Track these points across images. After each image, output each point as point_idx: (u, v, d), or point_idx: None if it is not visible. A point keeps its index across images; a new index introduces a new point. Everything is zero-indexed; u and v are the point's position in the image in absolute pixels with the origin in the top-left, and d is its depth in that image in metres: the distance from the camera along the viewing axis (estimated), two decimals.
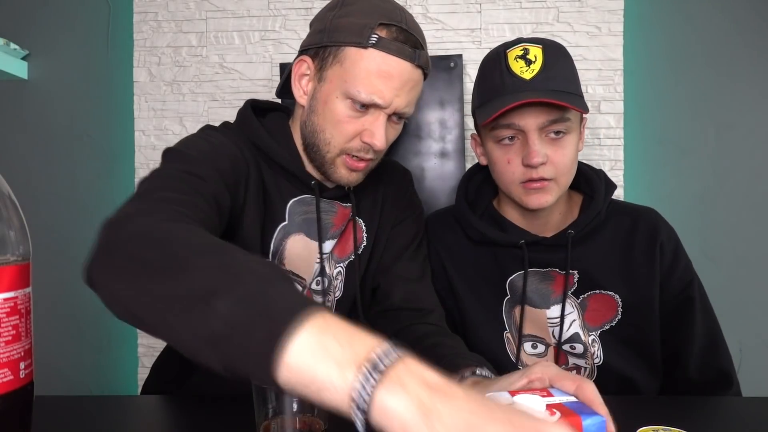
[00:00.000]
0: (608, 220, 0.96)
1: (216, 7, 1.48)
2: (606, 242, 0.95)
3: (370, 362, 0.37)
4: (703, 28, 1.43)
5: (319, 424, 0.55)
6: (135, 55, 1.49)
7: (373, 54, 0.78)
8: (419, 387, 0.37)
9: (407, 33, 0.79)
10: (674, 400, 0.82)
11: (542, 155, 0.86)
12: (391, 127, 0.85)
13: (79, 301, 1.54)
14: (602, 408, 0.50)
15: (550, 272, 0.94)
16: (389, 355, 0.38)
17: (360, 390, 0.37)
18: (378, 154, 0.85)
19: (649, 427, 0.63)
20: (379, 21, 0.78)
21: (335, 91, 0.80)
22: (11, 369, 0.44)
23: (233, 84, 1.48)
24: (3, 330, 0.43)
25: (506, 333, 0.95)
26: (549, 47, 0.89)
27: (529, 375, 0.58)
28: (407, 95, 0.81)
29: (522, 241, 0.94)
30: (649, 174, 1.44)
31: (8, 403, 0.44)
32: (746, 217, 1.42)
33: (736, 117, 1.42)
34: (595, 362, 0.92)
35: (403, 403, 0.36)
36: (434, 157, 1.42)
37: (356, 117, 0.81)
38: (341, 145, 0.82)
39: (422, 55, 0.81)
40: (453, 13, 1.44)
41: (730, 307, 1.39)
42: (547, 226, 0.97)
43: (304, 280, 0.88)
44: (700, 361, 0.92)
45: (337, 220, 0.90)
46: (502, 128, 0.88)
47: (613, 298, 0.93)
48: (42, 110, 1.54)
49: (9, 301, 0.44)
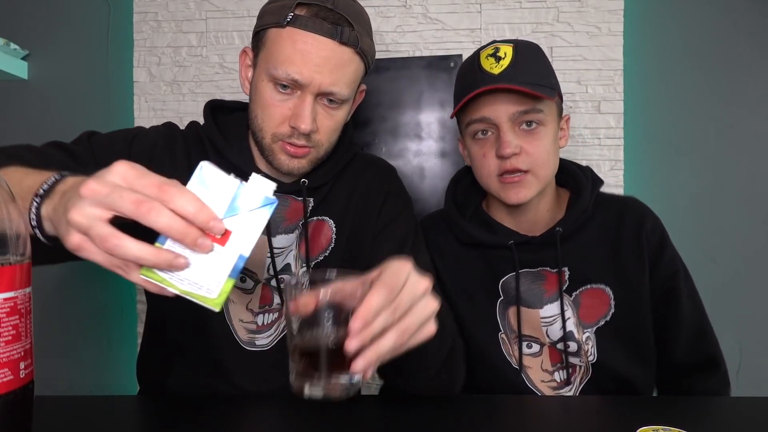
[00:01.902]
0: (595, 214, 0.96)
1: (216, 7, 1.48)
2: (594, 236, 0.95)
3: (35, 193, 0.51)
4: (703, 28, 1.42)
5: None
6: (135, 55, 1.49)
7: (289, 32, 0.77)
8: (59, 194, 0.50)
9: (329, 11, 0.77)
10: (674, 400, 0.82)
11: (514, 145, 0.87)
12: (325, 111, 0.82)
13: (79, 301, 1.54)
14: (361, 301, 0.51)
15: (541, 271, 0.94)
16: (48, 181, 0.52)
17: (33, 212, 0.51)
18: (317, 143, 0.83)
19: (649, 427, 0.63)
20: (298, 1, 0.77)
21: (261, 74, 0.81)
22: (11, 369, 0.44)
23: (233, 84, 1.48)
24: (3, 330, 0.44)
25: (501, 334, 0.95)
26: (520, 45, 0.91)
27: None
28: (331, 74, 0.78)
29: (511, 242, 0.94)
30: (649, 174, 1.44)
31: (8, 403, 0.44)
32: (746, 217, 1.42)
33: (736, 117, 1.42)
34: (590, 360, 0.92)
35: (49, 207, 0.51)
36: (434, 157, 1.42)
37: (282, 100, 0.80)
38: (272, 130, 0.81)
39: (347, 33, 0.77)
40: (453, 13, 1.44)
41: (730, 307, 1.39)
42: (536, 225, 0.97)
43: (255, 273, 0.87)
44: (687, 347, 0.94)
45: (290, 214, 0.88)
46: (476, 122, 0.91)
47: (604, 292, 0.93)
48: (42, 110, 1.54)
49: (9, 301, 0.44)
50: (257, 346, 0.88)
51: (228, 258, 0.50)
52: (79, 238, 0.47)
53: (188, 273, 0.49)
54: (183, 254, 0.48)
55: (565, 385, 0.93)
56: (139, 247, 0.46)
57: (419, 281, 0.56)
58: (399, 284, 0.54)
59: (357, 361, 0.51)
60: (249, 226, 0.51)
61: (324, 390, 0.54)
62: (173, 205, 0.46)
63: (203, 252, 0.49)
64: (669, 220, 0.98)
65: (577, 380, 0.93)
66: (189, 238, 0.47)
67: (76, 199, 0.46)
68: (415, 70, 1.43)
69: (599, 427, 0.70)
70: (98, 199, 0.46)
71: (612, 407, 0.77)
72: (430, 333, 0.57)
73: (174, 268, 0.48)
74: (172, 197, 0.46)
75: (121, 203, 0.45)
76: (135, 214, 0.45)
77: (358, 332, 0.50)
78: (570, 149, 1.42)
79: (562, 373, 0.93)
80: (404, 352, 0.58)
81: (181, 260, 0.48)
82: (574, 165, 1.02)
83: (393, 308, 0.52)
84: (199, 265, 0.49)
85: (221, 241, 0.50)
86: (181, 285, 0.49)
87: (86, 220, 0.46)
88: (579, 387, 0.93)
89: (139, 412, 0.76)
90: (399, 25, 1.46)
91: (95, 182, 0.46)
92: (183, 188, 0.48)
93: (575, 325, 0.92)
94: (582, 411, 0.77)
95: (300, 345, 0.54)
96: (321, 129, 0.82)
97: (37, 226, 0.51)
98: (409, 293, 0.54)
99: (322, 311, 0.54)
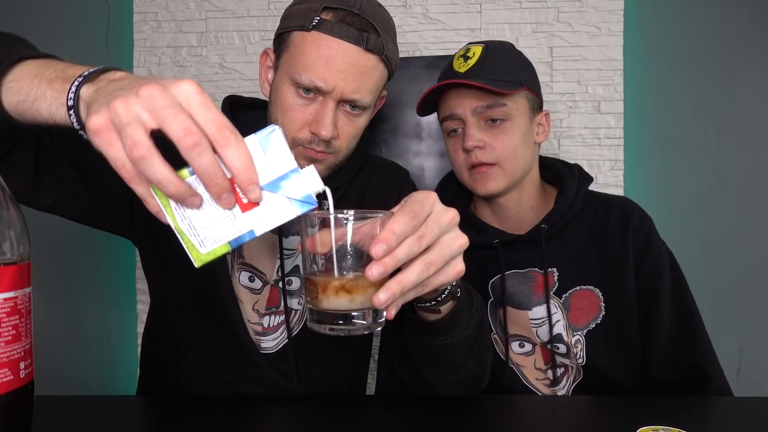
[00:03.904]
0: (583, 212, 0.96)
1: (216, 7, 1.48)
2: (582, 235, 0.95)
3: (80, 76, 0.48)
4: (703, 28, 1.43)
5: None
6: (135, 55, 1.49)
7: (315, 36, 0.75)
8: (106, 80, 0.47)
9: (355, 16, 0.75)
10: (674, 400, 0.82)
11: (476, 139, 0.90)
12: (346, 118, 0.80)
13: (79, 301, 1.55)
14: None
15: (530, 272, 0.94)
16: (95, 67, 0.49)
17: (71, 92, 0.47)
18: (337, 149, 0.81)
19: (649, 427, 0.63)
20: (325, 4, 0.76)
21: (284, 77, 0.79)
22: (11, 369, 0.44)
23: (233, 84, 1.48)
24: (3, 330, 0.43)
25: (493, 334, 0.96)
26: (491, 45, 0.94)
27: None
28: (355, 80, 0.76)
29: (496, 241, 0.94)
30: (649, 174, 1.44)
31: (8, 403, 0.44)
32: (746, 217, 1.42)
33: (736, 117, 1.42)
34: (579, 362, 0.92)
35: (91, 89, 0.47)
36: (434, 157, 1.42)
37: (304, 105, 0.78)
38: (292, 134, 0.79)
39: (372, 40, 0.76)
40: (453, 13, 1.44)
41: (730, 307, 1.39)
42: (521, 224, 0.97)
43: (265, 274, 0.87)
44: (667, 359, 0.89)
45: None
46: (447, 120, 0.95)
47: (594, 293, 0.93)
48: None
49: (9, 301, 0.44)
50: (263, 348, 0.87)
51: (239, 226, 0.47)
52: (106, 123, 0.42)
53: (193, 214, 0.47)
54: (200, 195, 0.46)
55: (557, 383, 0.93)
56: (165, 171, 0.43)
57: (445, 211, 0.53)
58: (424, 213, 0.50)
59: (379, 293, 0.48)
60: (277, 211, 0.48)
61: (344, 327, 0.50)
62: (223, 151, 0.43)
63: (221, 207, 0.46)
64: (669, 220, 0.98)
65: (569, 380, 0.93)
66: (216, 188, 0.44)
67: (129, 93, 0.43)
68: (415, 70, 1.43)
69: (599, 427, 0.70)
70: (152, 106, 0.42)
71: (612, 407, 0.77)
72: (458, 272, 0.54)
73: (184, 204, 0.45)
74: (227, 143, 0.43)
75: (172, 124, 0.42)
76: (178, 142, 0.42)
77: (380, 257, 0.47)
78: (570, 149, 1.42)
79: (557, 371, 0.93)
80: (431, 293, 0.55)
81: (195, 200, 0.45)
82: (559, 162, 1.02)
83: (418, 236, 0.49)
84: (208, 214, 0.47)
85: (244, 206, 0.47)
86: (180, 222, 0.47)
87: (128, 116, 0.42)
88: (571, 387, 0.93)
89: (139, 412, 0.76)
90: (399, 25, 1.45)
91: (158, 89, 0.42)
92: (240, 140, 0.45)
93: (565, 327, 0.92)
94: (582, 411, 0.77)
95: (317, 281, 0.51)
96: (341, 135, 0.81)
97: (73, 106, 0.47)
98: (434, 223, 0.51)
99: (339, 250, 0.50)
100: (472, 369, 0.73)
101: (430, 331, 0.67)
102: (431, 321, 0.65)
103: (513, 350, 0.95)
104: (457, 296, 0.65)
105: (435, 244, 0.51)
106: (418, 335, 0.69)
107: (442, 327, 0.66)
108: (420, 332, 0.68)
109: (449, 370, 0.73)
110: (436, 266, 0.51)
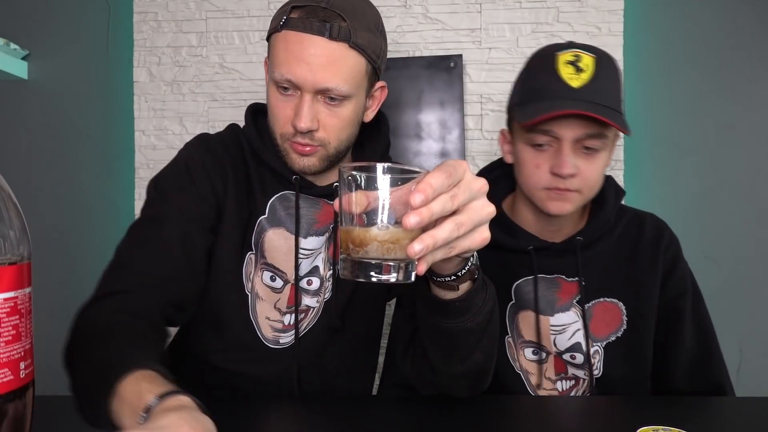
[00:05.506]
0: (615, 226, 0.95)
1: (216, 7, 1.48)
2: (612, 248, 0.94)
3: (144, 409, 0.50)
4: (703, 28, 1.43)
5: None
6: (135, 55, 1.49)
7: (284, 35, 0.80)
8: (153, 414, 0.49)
9: (321, 9, 0.78)
10: (674, 400, 0.82)
11: (573, 167, 0.84)
12: (327, 109, 0.82)
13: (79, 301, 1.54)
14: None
15: (556, 279, 0.93)
16: (154, 401, 0.50)
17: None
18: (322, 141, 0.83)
19: (649, 427, 0.63)
20: (293, 4, 0.80)
21: (268, 79, 0.85)
22: (11, 369, 0.44)
23: (233, 84, 1.48)
24: (3, 330, 0.43)
25: (507, 338, 0.95)
26: (602, 58, 0.87)
27: None
28: (324, 70, 0.78)
29: (531, 247, 0.93)
30: (649, 174, 1.44)
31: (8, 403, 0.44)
32: (746, 217, 1.42)
33: (736, 117, 1.42)
34: (595, 374, 0.91)
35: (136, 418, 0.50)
36: (434, 157, 1.42)
37: (285, 101, 0.82)
38: (279, 130, 0.84)
39: (336, 29, 0.78)
40: (453, 13, 1.44)
41: (730, 307, 1.39)
42: (557, 232, 0.96)
43: (285, 273, 0.89)
44: (687, 373, 0.91)
45: (322, 217, 0.90)
46: (539, 133, 0.86)
47: (617, 306, 0.92)
48: (42, 110, 1.54)
49: (9, 301, 0.44)
50: (281, 344, 0.89)
51: None
52: None
53: None
54: None
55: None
56: None
57: (476, 179, 0.55)
58: (458, 175, 0.53)
59: (414, 243, 0.50)
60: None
61: (378, 276, 0.53)
62: None
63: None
64: (669, 220, 0.98)
65: (579, 394, 0.92)
66: None
67: None
68: (415, 70, 1.43)
69: (599, 427, 0.70)
70: None
71: (612, 407, 0.77)
72: (483, 239, 0.56)
73: None
74: None
75: None
76: None
77: (417, 206, 0.49)
78: None
79: (564, 383, 0.92)
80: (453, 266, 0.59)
81: None
82: None
83: (451, 195, 0.51)
84: None
85: None
86: None
87: None
88: None
89: None
90: (399, 25, 1.46)
91: None
92: None
93: (584, 337, 0.91)
94: (582, 411, 0.77)
95: (353, 232, 0.53)
96: (325, 127, 0.83)
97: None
98: (466, 186, 0.53)
99: (374, 210, 0.52)
100: (478, 361, 0.73)
101: (443, 311, 0.67)
102: (447, 299, 0.66)
103: (525, 356, 0.94)
104: (474, 277, 0.66)
105: (465, 208, 0.53)
106: (432, 316, 0.69)
107: (456, 307, 0.66)
108: (433, 312, 0.68)
109: (456, 359, 0.73)
110: (466, 228, 0.53)
